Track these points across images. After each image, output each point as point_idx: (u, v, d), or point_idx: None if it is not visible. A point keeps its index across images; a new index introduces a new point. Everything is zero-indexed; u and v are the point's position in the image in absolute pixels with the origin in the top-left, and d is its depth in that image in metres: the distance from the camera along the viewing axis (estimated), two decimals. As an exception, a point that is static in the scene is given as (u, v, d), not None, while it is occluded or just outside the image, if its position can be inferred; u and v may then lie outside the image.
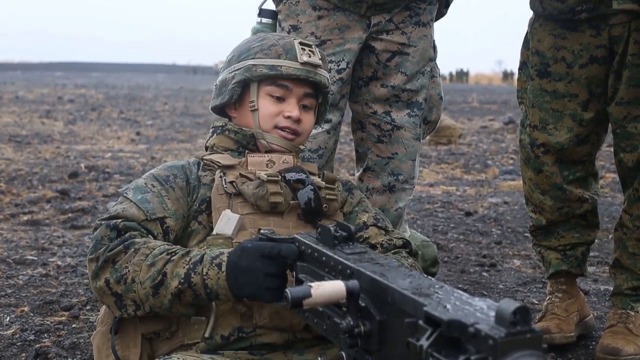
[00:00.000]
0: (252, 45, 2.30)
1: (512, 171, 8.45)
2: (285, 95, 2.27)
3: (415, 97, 2.98)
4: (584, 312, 3.25)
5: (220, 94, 2.34)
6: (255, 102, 2.27)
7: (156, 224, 2.06)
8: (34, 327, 3.20)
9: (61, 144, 10.57)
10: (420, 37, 2.95)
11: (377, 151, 3.00)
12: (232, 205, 2.11)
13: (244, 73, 2.26)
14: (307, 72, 2.26)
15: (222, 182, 2.14)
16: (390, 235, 2.25)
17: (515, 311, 1.08)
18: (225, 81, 2.32)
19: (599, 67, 2.94)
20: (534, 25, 3.06)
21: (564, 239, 3.19)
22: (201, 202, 2.14)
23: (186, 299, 1.91)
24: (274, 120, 2.26)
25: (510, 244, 5.11)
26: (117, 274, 1.93)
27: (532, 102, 3.10)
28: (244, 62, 2.27)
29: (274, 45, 2.27)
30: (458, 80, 61.92)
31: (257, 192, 2.09)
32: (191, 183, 2.18)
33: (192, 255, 1.92)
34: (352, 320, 1.46)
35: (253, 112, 2.27)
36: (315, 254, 1.68)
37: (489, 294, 3.84)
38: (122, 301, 1.95)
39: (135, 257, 1.93)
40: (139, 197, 2.09)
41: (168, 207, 2.10)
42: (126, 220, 2.02)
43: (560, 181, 3.10)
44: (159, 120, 15.70)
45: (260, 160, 2.24)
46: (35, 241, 4.77)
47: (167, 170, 2.20)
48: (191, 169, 2.22)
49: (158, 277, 1.90)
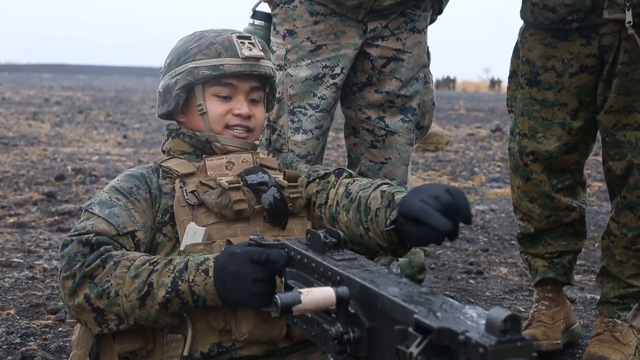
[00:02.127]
0: (189, 47, 2.23)
1: (499, 179, 8.46)
2: (231, 94, 2.21)
3: (409, 102, 2.98)
4: (570, 320, 3.26)
5: (165, 102, 2.26)
6: (203, 105, 2.21)
7: (127, 238, 2.01)
8: (20, 330, 3.18)
9: (48, 147, 10.53)
10: (415, 44, 2.95)
11: (370, 156, 3.00)
12: (196, 217, 2.07)
13: (186, 77, 2.19)
14: (251, 67, 2.20)
15: (184, 193, 2.09)
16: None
17: (506, 319, 1.08)
18: (168, 87, 2.24)
19: (588, 76, 2.95)
20: (525, 34, 3.08)
21: (552, 247, 3.20)
22: (164, 212, 2.10)
23: (173, 308, 1.89)
24: (223, 119, 2.21)
25: (497, 251, 5.12)
26: (97, 289, 1.88)
27: (521, 110, 3.11)
28: (184, 66, 2.20)
29: (212, 44, 2.20)
30: (445, 87, 62.00)
31: (220, 202, 2.05)
32: (153, 193, 2.12)
33: (176, 263, 1.89)
34: (342, 327, 1.46)
35: (202, 116, 2.21)
36: (305, 260, 1.67)
37: (476, 302, 3.85)
38: (104, 316, 1.89)
39: (117, 269, 1.88)
40: (107, 211, 2.03)
41: (136, 220, 2.04)
42: (97, 235, 1.96)
43: (548, 189, 3.11)
44: (145, 123, 15.65)
45: (219, 163, 2.19)
46: (21, 244, 4.75)
47: (129, 181, 2.13)
48: (151, 177, 2.16)
49: (144, 289, 1.87)
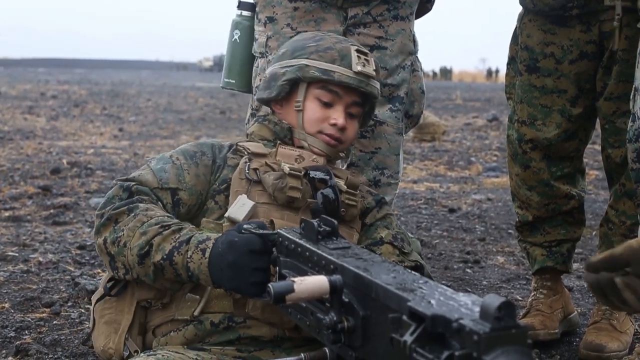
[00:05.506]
0: (307, 44, 2.27)
1: (495, 168, 8.46)
2: (333, 101, 2.24)
3: (397, 91, 2.95)
4: (568, 308, 3.24)
5: (268, 88, 2.31)
6: (302, 103, 2.25)
7: (167, 193, 2.10)
8: (15, 323, 3.17)
9: (43, 140, 10.50)
10: (398, 31, 2.92)
11: (361, 146, 2.98)
12: (250, 192, 2.11)
13: (295, 72, 2.22)
14: (359, 82, 2.22)
15: (246, 168, 2.14)
16: (403, 257, 2.19)
17: (500, 306, 1.06)
18: (275, 76, 2.28)
19: (588, 63, 2.93)
20: (523, 20, 3.06)
21: (550, 236, 3.18)
22: (221, 182, 2.15)
23: (168, 275, 1.93)
24: (319, 125, 2.24)
25: (494, 240, 5.10)
26: (114, 235, 1.97)
27: (520, 97, 3.09)
28: (297, 60, 2.24)
29: (330, 49, 2.23)
30: (442, 78, 62.03)
31: (276, 183, 2.08)
32: (217, 162, 2.19)
33: (182, 234, 1.93)
34: (336, 316, 1.45)
35: (298, 113, 2.25)
36: (299, 249, 1.66)
37: (473, 291, 3.83)
38: (115, 263, 1.99)
39: (132, 222, 1.96)
40: (159, 166, 2.14)
41: (185, 180, 2.12)
42: (139, 184, 2.07)
43: (547, 177, 3.09)
44: (142, 116, 15.63)
45: (291, 153, 2.22)
46: (16, 237, 4.73)
47: (197, 147, 2.22)
48: (221, 149, 2.23)
49: (145, 247, 1.93)
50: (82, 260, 4.19)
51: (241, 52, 2.99)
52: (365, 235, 2.23)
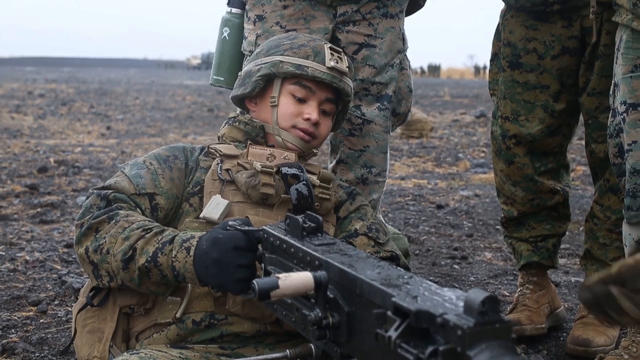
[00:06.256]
0: (282, 42, 2.31)
1: (483, 164, 8.47)
2: (306, 97, 2.27)
3: (385, 89, 2.96)
4: (555, 303, 3.25)
5: (243, 85, 2.34)
6: (277, 99, 2.28)
7: (145, 199, 2.10)
8: (1, 322, 3.16)
9: (30, 139, 10.47)
10: (388, 29, 2.93)
11: (349, 144, 2.98)
12: (224, 192, 2.13)
13: (270, 67, 2.26)
14: (333, 78, 2.26)
15: (218, 169, 2.17)
16: (378, 248, 2.23)
17: (484, 301, 1.07)
18: (250, 73, 2.32)
19: (570, 58, 2.94)
20: (506, 16, 3.06)
21: (535, 231, 3.19)
22: (195, 184, 2.17)
23: (154, 277, 1.93)
24: (292, 120, 2.27)
25: (481, 236, 5.12)
26: (95, 243, 1.97)
27: (503, 93, 3.10)
28: (271, 57, 2.28)
29: (304, 46, 2.28)
30: (430, 75, 62.08)
31: (249, 181, 2.11)
32: (189, 165, 2.21)
33: (165, 235, 1.94)
34: (321, 312, 1.45)
35: (273, 108, 2.28)
36: (284, 246, 1.66)
37: (460, 287, 3.84)
38: (98, 271, 1.98)
39: (114, 229, 1.97)
40: (134, 172, 2.14)
41: (161, 185, 2.13)
42: (117, 192, 2.07)
43: (531, 172, 3.10)
44: (129, 114, 15.59)
45: (262, 152, 2.24)
46: (3, 236, 4.72)
47: (169, 150, 2.24)
48: (193, 152, 2.26)
49: (129, 252, 1.93)
50: (69, 258, 4.18)
51: (230, 50, 2.99)
52: (339, 228, 2.27)
